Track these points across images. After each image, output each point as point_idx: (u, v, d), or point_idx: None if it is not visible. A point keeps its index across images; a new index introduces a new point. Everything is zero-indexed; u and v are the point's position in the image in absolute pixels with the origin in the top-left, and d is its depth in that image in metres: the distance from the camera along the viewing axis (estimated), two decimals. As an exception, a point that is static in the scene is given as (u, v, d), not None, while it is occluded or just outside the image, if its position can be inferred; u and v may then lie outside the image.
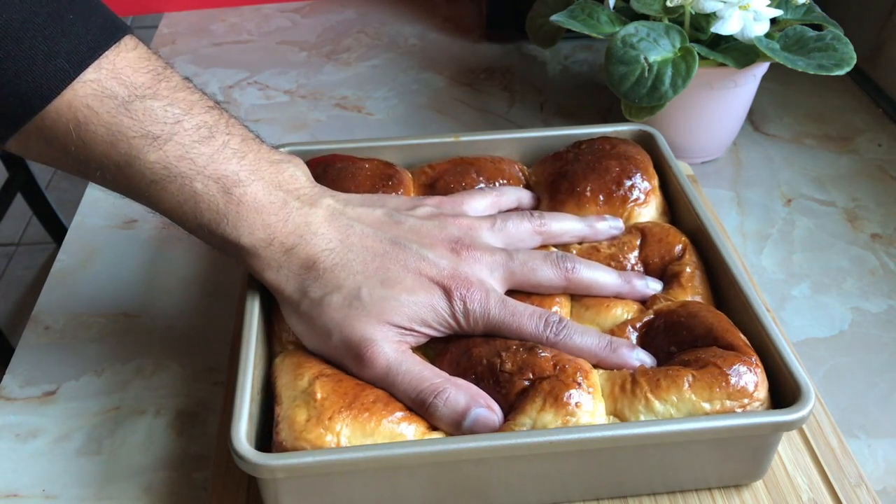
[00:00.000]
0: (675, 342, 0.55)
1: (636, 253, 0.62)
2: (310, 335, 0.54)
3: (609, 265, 0.61)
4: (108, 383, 0.64)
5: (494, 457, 0.49)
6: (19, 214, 1.97)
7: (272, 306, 0.58)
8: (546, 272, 0.57)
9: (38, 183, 1.80)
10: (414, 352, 0.55)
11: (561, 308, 0.58)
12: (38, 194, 1.81)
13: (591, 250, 0.62)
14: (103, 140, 0.49)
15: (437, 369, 0.53)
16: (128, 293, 0.72)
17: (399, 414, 0.50)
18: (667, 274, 0.61)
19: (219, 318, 0.69)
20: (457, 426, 0.50)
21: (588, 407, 0.50)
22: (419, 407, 0.51)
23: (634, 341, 0.56)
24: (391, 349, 0.52)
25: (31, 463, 0.58)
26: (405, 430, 0.50)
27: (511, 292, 0.57)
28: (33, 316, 0.70)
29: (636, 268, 0.61)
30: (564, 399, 0.50)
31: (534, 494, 0.52)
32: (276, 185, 0.54)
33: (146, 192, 0.52)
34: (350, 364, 0.53)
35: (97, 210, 0.81)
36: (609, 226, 0.63)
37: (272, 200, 0.53)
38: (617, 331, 0.56)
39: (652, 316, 0.57)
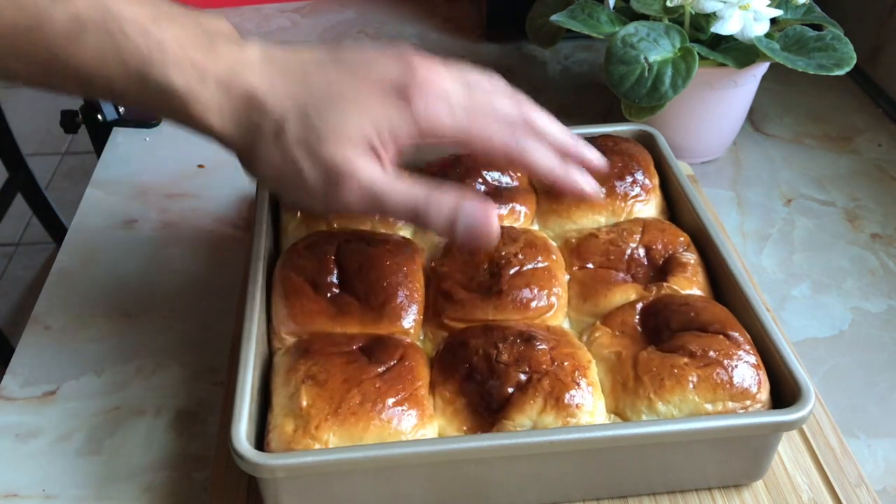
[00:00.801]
0: (679, 322, 0.54)
1: (638, 238, 0.62)
2: (283, 180, 0.51)
3: (608, 250, 0.61)
4: (108, 383, 0.64)
5: (494, 457, 0.49)
6: (19, 214, 1.97)
7: (272, 306, 0.58)
8: (503, 101, 0.54)
9: (38, 183, 1.80)
10: (417, 349, 0.55)
11: (558, 300, 0.58)
12: (38, 194, 1.80)
13: (589, 237, 0.63)
14: (5, 6, 0.45)
15: (417, 180, 0.50)
16: (128, 293, 0.72)
17: (386, 414, 0.50)
18: (669, 264, 0.60)
19: (219, 318, 0.69)
20: (452, 229, 0.49)
21: (589, 407, 0.50)
22: (413, 220, 0.50)
23: (637, 317, 0.56)
24: (367, 167, 0.49)
25: (31, 463, 0.58)
26: (394, 427, 0.50)
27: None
28: (33, 316, 0.70)
29: (636, 252, 0.61)
30: (566, 401, 0.50)
31: (534, 494, 0.52)
32: (197, 25, 0.50)
33: (65, 56, 0.47)
34: (333, 196, 0.50)
35: (97, 210, 0.81)
36: (597, 156, 0.59)
37: (198, 42, 0.49)
38: (618, 311, 0.57)
39: (654, 298, 0.57)
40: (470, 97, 0.52)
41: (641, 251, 0.61)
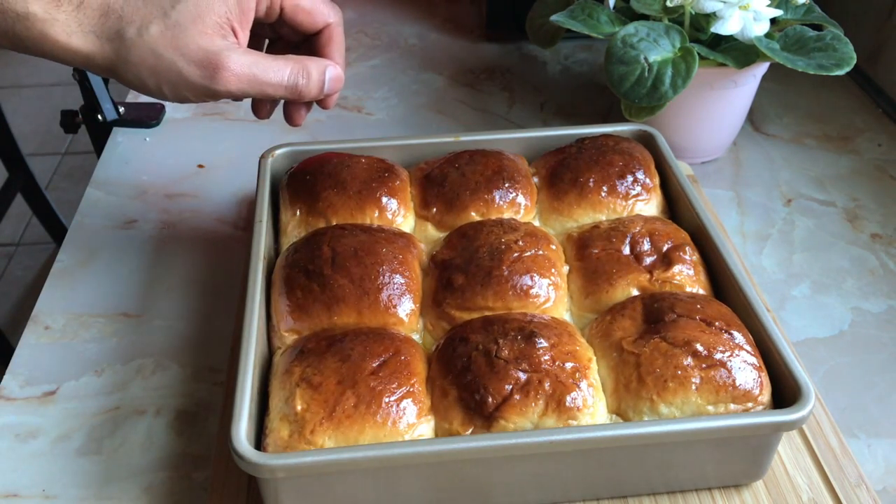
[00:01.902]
0: (683, 309, 0.54)
1: (640, 225, 0.62)
2: (161, 81, 0.54)
3: (610, 235, 0.61)
4: (108, 383, 0.64)
5: (494, 457, 0.49)
6: (19, 214, 1.97)
7: (272, 304, 0.58)
8: None
9: (38, 183, 1.80)
10: (413, 344, 0.55)
11: (557, 289, 0.58)
12: (38, 194, 1.81)
13: (591, 228, 0.63)
14: None
15: (282, 57, 0.56)
16: (128, 293, 0.72)
17: (381, 415, 0.50)
18: (672, 253, 0.60)
19: (219, 318, 0.69)
20: (321, 92, 0.58)
21: (589, 408, 0.50)
22: (294, 93, 0.56)
23: (640, 300, 0.56)
24: (238, 51, 0.54)
25: (31, 463, 0.58)
26: (390, 427, 0.50)
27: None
28: (33, 316, 0.70)
29: (639, 236, 0.61)
30: (567, 404, 0.50)
31: (534, 494, 0.52)
32: None
33: None
34: (214, 86, 0.53)
35: (97, 210, 0.81)
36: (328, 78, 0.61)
37: None
38: (623, 303, 0.57)
39: (659, 289, 0.57)
40: None
41: (644, 236, 0.61)
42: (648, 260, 0.59)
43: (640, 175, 0.67)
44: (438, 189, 0.67)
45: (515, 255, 0.59)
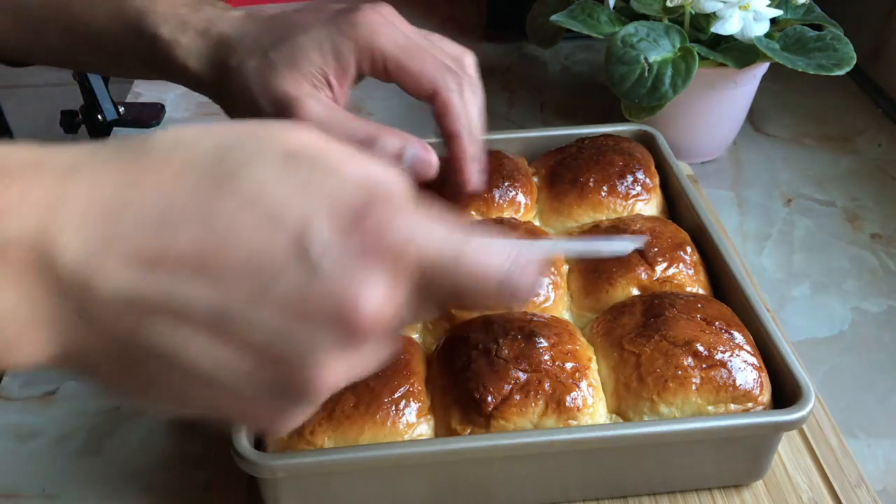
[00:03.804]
0: (683, 307, 0.54)
1: (640, 225, 0.61)
2: (243, 112, 0.54)
3: (609, 233, 0.61)
4: (108, 383, 0.64)
5: (494, 457, 0.49)
6: (19, 214, 1.97)
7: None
8: (450, 44, 0.60)
9: (38, 183, 1.80)
10: (412, 343, 0.55)
11: (557, 288, 0.58)
12: (38, 194, 1.80)
13: (592, 228, 0.63)
14: None
15: (365, 120, 0.53)
16: (128, 293, 0.72)
17: (381, 415, 0.50)
18: (670, 256, 0.60)
19: (219, 318, 0.69)
20: (397, 164, 0.51)
21: (589, 408, 0.50)
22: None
23: (641, 309, 0.55)
24: (318, 103, 0.52)
25: (31, 463, 0.58)
26: (389, 427, 0.49)
27: None
28: (33, 316, 0.70)
29: (639, 233, 0.60)
30: (567, 404, 0.50)
31: (534, 494, 0.52)
32: None
33: (84, 20, 0.56)
34: None
35: (97, 210, 0.81)
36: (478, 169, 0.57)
37: (187, 1, 0.56)
38: (623, 302, 0.57)
39: (659, 288, 0.57)
40: (416, 32, 0.57)
41: (644, 235, 0.60)
42: (648, 259, 0.59)
43: (640, 175, 0.67)
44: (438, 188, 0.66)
45: None
